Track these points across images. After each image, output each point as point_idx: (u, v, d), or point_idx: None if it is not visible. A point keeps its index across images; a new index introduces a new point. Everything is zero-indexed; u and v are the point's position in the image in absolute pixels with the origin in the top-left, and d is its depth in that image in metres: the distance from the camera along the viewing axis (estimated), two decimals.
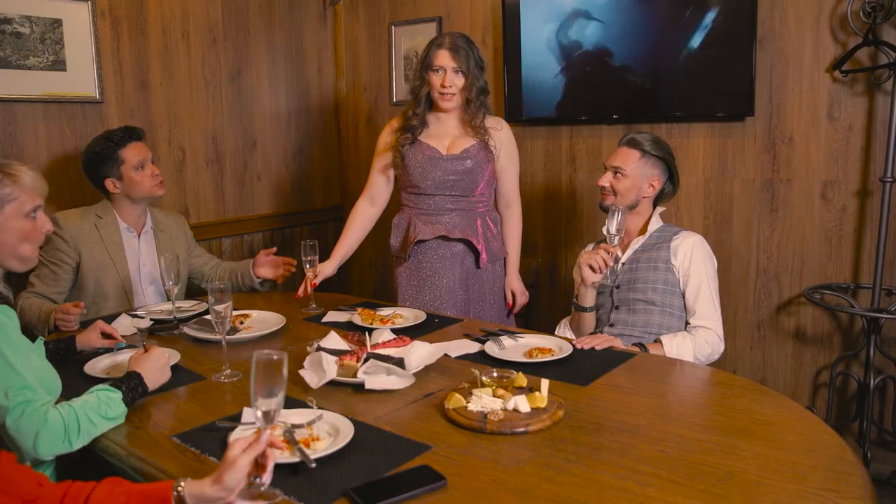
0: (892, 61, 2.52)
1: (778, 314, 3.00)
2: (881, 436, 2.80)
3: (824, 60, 2.77)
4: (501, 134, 2.59)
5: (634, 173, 2.26)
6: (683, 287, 2.21)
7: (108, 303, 2.59)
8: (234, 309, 2.12)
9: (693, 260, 2.19)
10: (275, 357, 1.20)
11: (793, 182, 2.89)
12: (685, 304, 2.21)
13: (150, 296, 2.69)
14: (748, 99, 2.85)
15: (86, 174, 2.65)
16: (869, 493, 1.25)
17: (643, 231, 2.32)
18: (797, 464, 1.34)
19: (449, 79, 2.45)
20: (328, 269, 2.61)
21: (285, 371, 1.22)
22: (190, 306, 2.51)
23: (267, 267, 2.78)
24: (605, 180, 2.30)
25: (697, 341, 2.11)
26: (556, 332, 2.42)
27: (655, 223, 2.32)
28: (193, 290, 2.95)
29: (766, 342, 3.03)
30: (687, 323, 2.21)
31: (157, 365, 1.70)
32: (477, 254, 2.59)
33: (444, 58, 2.45)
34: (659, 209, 2.35)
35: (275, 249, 2.83)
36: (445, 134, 2.57)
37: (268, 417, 1.20)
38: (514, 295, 2.69)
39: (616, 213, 2.15)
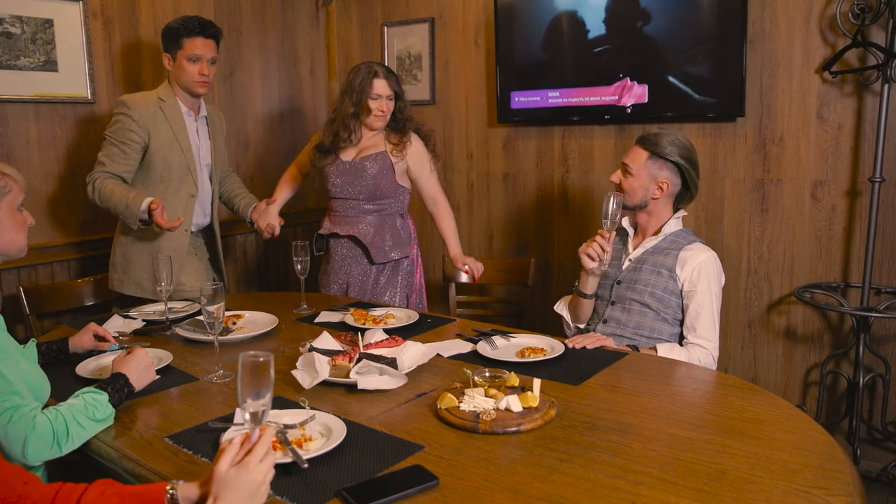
0: (880, 62, 2.54)
1: (769, 313, 3.02)
2: (871, 433, 2.81)
3: (814, 61, 2.79)
4: (410, 148, 2.84)
5: (640, 174, 2.20)
6: (685, 300, 2.16)
7: (173, 181, 2.72)
8: (227, 310, 2.12)
9: (700, 278, 2.13)
10: (261, 359, 1.19)
11: (783, 182, 2.91)
12: (683, 319, 2.18)
13: (204, 179, 2.84)
14: (739, 99, 2.86)
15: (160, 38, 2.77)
16: (858, 491, 1.26)
17: (657, 232, 2.26)
18: (788, 462, 1.35)
19: (385, 104, 2.75)
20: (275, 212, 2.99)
21: (272, 372, 1.21)
22: (182, 307, 2.51)
23: (260, 216, 2.97)
24: (616, 176, 2.26)
25: (691, 359, 2.09)
26: (554, 308, 2.46)
27: (673, 226, 2.25)
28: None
29: (757, 341, 3.05)
30: (682, 336, 2.18)
31: (141, 366, 1.70)
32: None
33: (381, 86, 2.73)
34: (680, 213, 2.28)
35: (274, 200, 3.03)
36: (361, 147, 2.84)
37: (256, 419, 1.20)
38: (467, 266, 2.82)
39: (610, 198, 2.13)
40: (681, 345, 2.15)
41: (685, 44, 2.96)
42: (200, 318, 1.99)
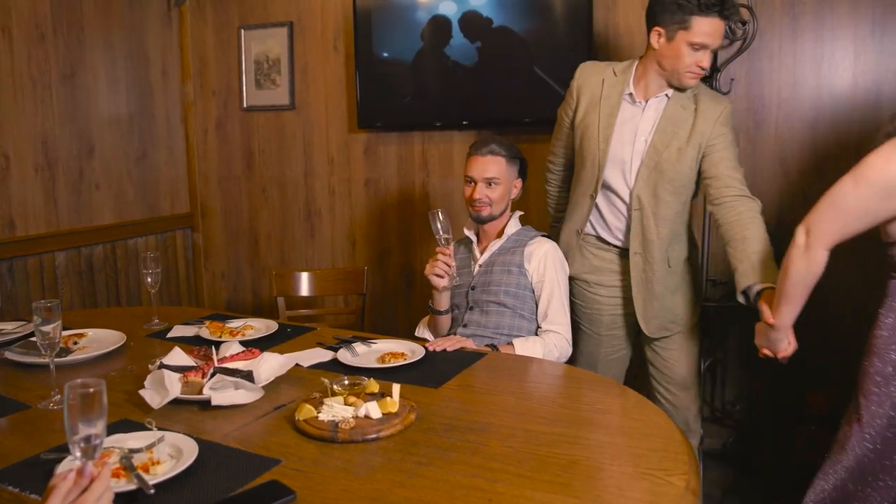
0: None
1: None
2: (713, 413, 3.04)
3: None
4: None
5: (505, 180, 2.26)
6: (537, 292, 2.25)
7: (583, 173, 2.27)
8: (66, 328, 1.96)
9: (546, 267, 2.23)
10: (91, 389, 1.10)
11: None
12: (537, 309, 2.26)
13: (621, 182, 2.21)
14: None
15: (647, 8, 2.11)
16: (693, 469, 1.35)
17: (500, 234, 2.33)
18: (634, 447, 1.43)
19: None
20: None
21: (104, 400, 1.11)
22: (14, 328, 2.29)
23: None
24: (481, 192, 2.25)
25: (547, 345, 2.17)
26: (415, 333, 2.44)
27: (513, 226, 2.33)
28: None
29: None
30: (538, 327, 2.26)
31: None
32: None
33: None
34: (517, 213, 2.37)
35: None
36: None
37: (88, 453, 1.10)
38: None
39: (436, 215, 2.16)
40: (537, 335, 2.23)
41: (537, 50, 3.07)
42: (34, 339, 1.83)
